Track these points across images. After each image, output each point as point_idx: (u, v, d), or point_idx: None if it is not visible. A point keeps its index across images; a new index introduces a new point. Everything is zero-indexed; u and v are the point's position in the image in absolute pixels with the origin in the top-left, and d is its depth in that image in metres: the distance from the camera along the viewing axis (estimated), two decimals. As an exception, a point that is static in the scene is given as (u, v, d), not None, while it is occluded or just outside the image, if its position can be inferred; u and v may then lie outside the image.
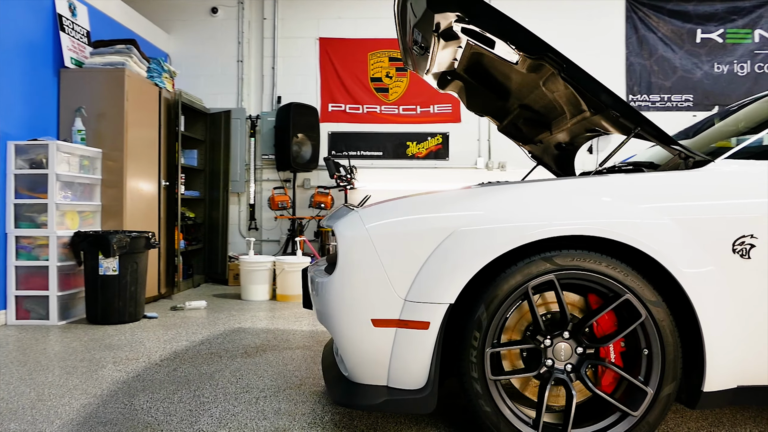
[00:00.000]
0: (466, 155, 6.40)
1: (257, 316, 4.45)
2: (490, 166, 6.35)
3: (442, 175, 6.40)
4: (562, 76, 2.18)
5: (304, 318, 4.36)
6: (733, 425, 2.24)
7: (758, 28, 6.21)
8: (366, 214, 2.04)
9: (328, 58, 6.41)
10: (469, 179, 6.37)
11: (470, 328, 1.91)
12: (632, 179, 2.03)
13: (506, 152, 6.36)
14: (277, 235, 6.45)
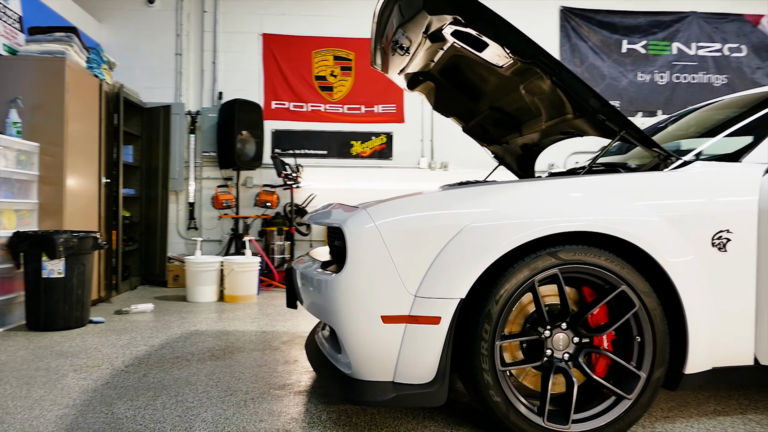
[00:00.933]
0: (409, 155, 6.50)
1: (210, 318, 4.32)
2: (433, 166, 6.49)
3: (386, 174, 6.46)
4: (554, 80, 2.29)
5: (260, 319, 4.28)
6: (698, 404, 2.44)
7: (676, 41, 6.72)
8: (374, 212, 2.05)
9: (271, 54, 6.31)
10: (413, 179, 6.47)
11: (480, 321, 1.97)
12: (624, 179, 2.17)
13: (448, 153, 6.52)
14: (218, 234, 6.27)
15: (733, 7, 6.79)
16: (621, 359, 2.06)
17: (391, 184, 6.43)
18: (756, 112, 2.62)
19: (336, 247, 2.48)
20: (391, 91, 6.44)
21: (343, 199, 6.28)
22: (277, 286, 5.66)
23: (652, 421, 2.25)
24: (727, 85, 6.75)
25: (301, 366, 3.02)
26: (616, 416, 2.03)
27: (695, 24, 6.72)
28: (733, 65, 6.78)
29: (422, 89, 3.38)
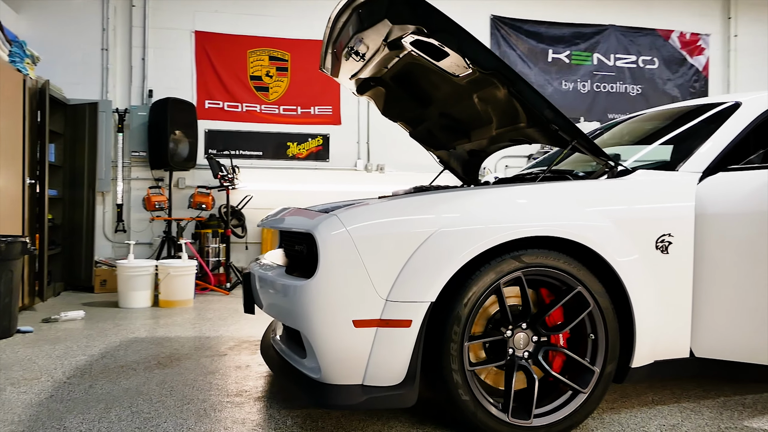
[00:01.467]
0: (346, 157, 6.53)
1: (148, 324, 4.17)
2: (369, 168, 6.55)
3: (323, 176, 6.46)
4: (511, 91, 2.40)
5: (201, 324, 4.18)
6: (637, 395, 2.63)
7: (596, 52, 7.13)
8: (346, 217, 2.08)
9: (204, 52, 6.15)
10: (349, 181, 6.50)
11: (450, 323, 2.04)
12: (578, 186, 2.31)
13: (384, 155, 6.60)
14: (148, 237, 6.04)
15: (646, 22, 7.28)
16: (576, 356, 2.19)
17: (328, 186, 6.44)
18: (682, 124, 2.85)
19: (297, 251, 2.48)
20: (328, 92, 6.44)
21: (280, 201, 6.22)
22: (213, 289, 5.53)
23: (600, 413, 2.41)
24: (642, 95, 7.24)
25: (254, 371, 2.98)
26: (573, 409, 2.15)
27: (613, 37, 7.15)
28: (647, 76, 7.28)
29: (372, 94, 3.42)
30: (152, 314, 4.55)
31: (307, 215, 2.38)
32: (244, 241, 6.01)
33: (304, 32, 6.40)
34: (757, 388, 2.72)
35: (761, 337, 2.31)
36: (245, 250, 6.10)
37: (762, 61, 7.68)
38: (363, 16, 2.57)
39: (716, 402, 2.54)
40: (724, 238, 2.30)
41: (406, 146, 6.62)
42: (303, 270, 2.26)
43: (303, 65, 6.39)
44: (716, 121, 2.68)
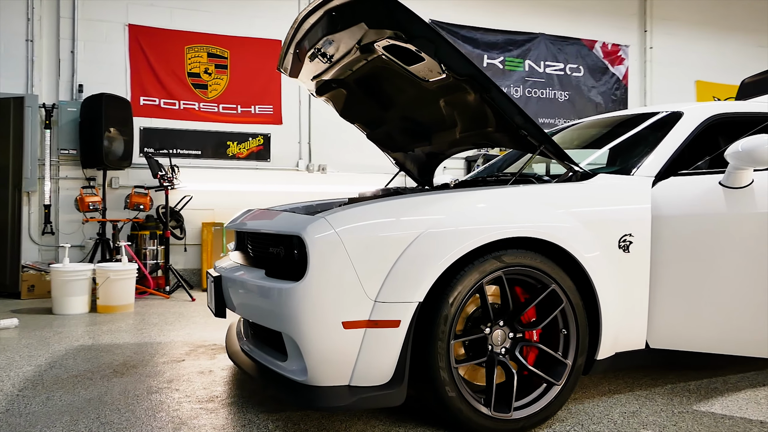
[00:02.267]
0: (287, 157, 6.47)
1: (91, 331, 3.97)
2: (311, 168, 6.52)
3: (264, 176, 6.37)
4: (485, 96, 2.50)
5: (148, 329, 4.03)
6: (594, 386, 2.80)
7: (528, 59, 7.44)
8: (334, 219, 2.09)
9: (139, 47, 5.90)
10: (291, 181, 6.45)
11: (438, 322, 2.10)
12: (549, 189, 2.43)
13: (326, 156, 6.59)
14: (78, 239, 5.72)
15: (573, 31, 7.68)
16: (550, 350, 2.32)
17: (270, 186, 6.36)
18: (629, 131, 3.06)
19: (273, 254, 2.46)
20: (269, 92, 6.36)
21: (220, 202, 6.10)
22: (153, 293, 5.33)
23: (566, 404, 2.55)
24: (569, 101, 7.63)
25: (219, 376, 2.93)
26: (548, 401, 2.27)
27: (543, 44, 7.49)
28: (574, 83, 7.67)
29: (331, 96, 3.43)
30: (92, 320, 4.33)
31: (287, 217, 2.37)
32: (183, 243, 5.83)
33: (245, 30, 6.29)
34: (697, 375, 2.96)
35: (709, 328, 2.52)
36: (184, 252, 5.92)
37: (674, 72, 8.29)
38: (337, 19, 2.58)
39: (665, 389, 2.75)
40: (676, 238, 2.49)
41: (347, 147, 6.68)
42: (284, 272, 2.25)
43: (243, 63, 6.27)
44: (661, 129, 2.89)
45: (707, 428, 2.27)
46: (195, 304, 5.07)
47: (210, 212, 6.16)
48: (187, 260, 6.05)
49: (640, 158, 2.74)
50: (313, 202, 3.59)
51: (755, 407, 2.51)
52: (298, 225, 2.15)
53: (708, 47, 8.54)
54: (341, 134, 6.62)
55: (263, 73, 6.34)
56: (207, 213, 6.14)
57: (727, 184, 2.44)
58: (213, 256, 5.89)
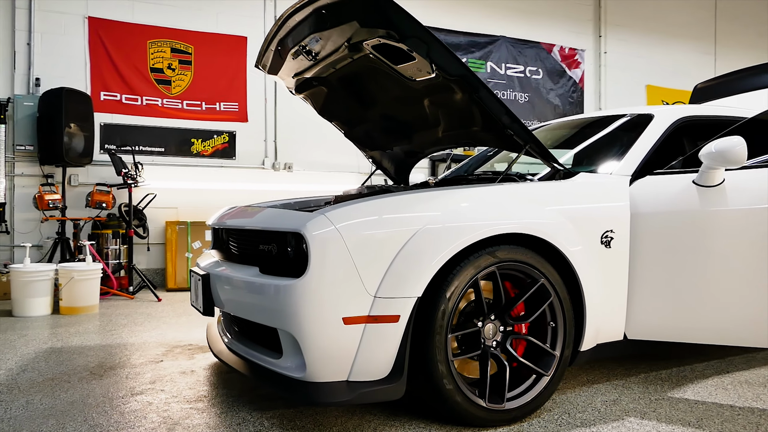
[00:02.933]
0: (253, 155, 6.40)
1: (58, 333, 3.84)
2: (277, 167, 6.47)
3: (230, 174, 6.28)
4: (474, 97, 2.56)
5: (118, 330, 3.92)
6: (573, 377, 2.91)
7: (489, 61, 7.60)
8: (334, 216, 2.11)
9: (99, 40, 5.72)
10: (257, 179, 6.38)
11: (436, 317, 2.14)
12: (536, 187, 2.52)
13: (292, 154, 6.55)
14: (35, 239, 5.49)
15: (532, 35, 7.88)
16: (540, 342, 2.40)
17: (235, 185, 6.28)
18: (603, 132, 3.19)
19: (264, 251, 2.45)
20: (234, 88, 6.27)
21: (184, 200, 6.00)
22: (116, 293, 5.18)
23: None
24: (529, 103, 7.83)
25: (202, 376, 2.89)
26: (538, 392, 2.35)
27: (504, 47, 7.66)
28: (533, 85, 7.88)
29: (311, 93, 3.44)
30: (57, 322, 4.18)
31: (282, 214, 2.37)
32: (147, 242, 5.69)
33: (210, 25, 6.18)
34: (667, 364, 3.11)
35: (684, 319, 2.65)
36: (147, 252, 5.77)
37: (626, 76, 8.61)
38: (327, 17, 2.59)
39: (639, 378, 2.88)
40: (653, 234, 2.61)
41: (314, 146, 6.66)
42: (279, 269, 2.25)
43: (208, 59, 6.17)
44: (634, 130, 3.03)
45: (683, 413, 2.40)
46: (162, 305, 4.96)
47: (174, 211, 6.03)
48: (150, 260, 5.90)
49: (616, 158, 2.86)
50: (291, 200, 3.59)
51: (723, 393, 2.66)
52: (296, 221, 2.16)
53: (658, 53, 8.91)
54: (308, 132, 6.60)
55: (229, 70, 6.25)
56: (171, 211, 6.01)
57: (701, 182, 2.58)
58: (178, 256, 5.78)
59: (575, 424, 2.28)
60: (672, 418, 2.35)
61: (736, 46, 9.63)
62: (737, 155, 2.42)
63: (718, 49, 9.51)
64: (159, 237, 5.96)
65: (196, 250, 5.85)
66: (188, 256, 5.79)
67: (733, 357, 3.25)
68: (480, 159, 4.11)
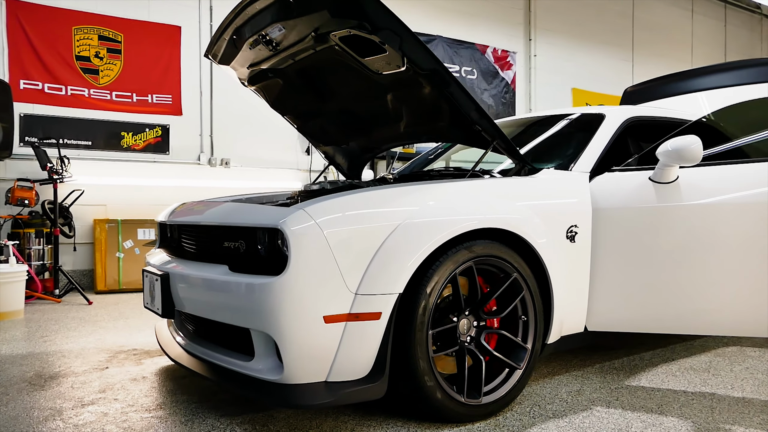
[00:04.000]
0: (188, 150, 6.13)
1: (-20, 341, 3.51)
2: (213, 162, 6.23)
3: (163, 170, 5.98)
4: (444, 92, 2.55)
5: (50, 336, 3.64)
6: (534, 369, 2.97)
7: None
8: (314, 210, 2.04)
9: (19, 24, 5.29)
10: (193, 175, 6.12)
11: (417, 313, 2.12)
12: (507, 183, 2.55)
13: (229, 150, 6.33)
14: (-58, 239, 5.01)
15: (467, 36, 8.02)
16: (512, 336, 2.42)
17: (169, 181, 5.99)
18: (556, 131, 3.28)
19: (230, 249, 2.33)
20: (168, 80, 5.98)
21: (114, 196, 5.67)
22: (41, 297, 4.81)
23: (517, 387, 2.68)
24: (464, 102, 7.95)
25: (155, 382, 2.72)
26: (513, 385, 2.37)
27: (441, 47, 7.75)
28: (468, 85, 8.01)
29: (264, 86, 3.33)
30: (-23, 330, 3.83)
31: (255, 209, 2.27)
32: (73, 241, 5.32)
33: (141, 13, 5.86)
34: (616, 354, 3.24)
35: (641, 310, 2.76)
36: (73, 252, 5.40)
37: (554, 79, 8.94)
38: (293, 6, 2.50)
39: (595, 368, 2.98)
40: (612, 229, 2.70)
41: (252, 141, 6.47)
42: (250, 267, 2.15)
43: (139, 49, 5.85)
44: (587, 129, 3.13)
45: (644, 401, 2.49)
46: (93, 308, 4.65)
47: (102, 208, 5.68)
48: (77, 260, 5.53)
49: (573, 155, 2.94)
50: (245, 196, 3.46)
51: (674, 379, 2.80)
52: (272, 216, 2.07)
53: (582, 58, 9.31)
54: (245, 127, 6.41)
55: (161, 60, 5.95)
56: (99, 209, 5.66)
57: (657, 179, 2.69)
58: (107, 256, 5.44)
59: (548, 416, 2.32)
60: (635, 405, 2.44)
61: (651, 54, 10.23)
62: (693, 153, 2.54)
63: (635, 57, 10.06)
64: (86, 236, 5.59)
65: (127, 250, 5.53)
66: (119, 256, 5.47)
67: (674, 345, 3.43)
68: (425, 158, 4.13)
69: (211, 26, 6.19)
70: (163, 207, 5.84)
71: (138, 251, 5.55)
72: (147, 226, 5.65)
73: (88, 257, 5.62)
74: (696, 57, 10.94)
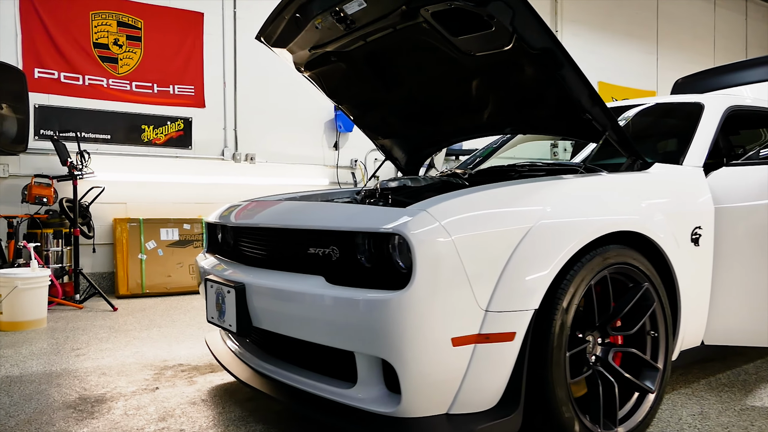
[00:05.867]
0: (211, 145, 5.76)
1: (6, 356, 3.16)
2: (238, 158, 5.87)
3: (185, 165, 5.62)
4: (555, 74, 2.22)
5: (82, 349, 3.29)
6: (641, 387, 2.65)
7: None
8: (438, 211, 1.72)
9: (33, 9, 4.90)
10: (216, 171, 5.77)
11: (551, 332, 1.80)
12: (627, 179, 2.23)
13: (254, 144, 5.97)
14: (-48, 241, 4.63)
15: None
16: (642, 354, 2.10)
17: (192, 177, 5.63)
18: (648, 119, 2.97)
19: (313, 255, 1.99)
20: (190, 70, 5.61)
21: (134, 194, 5.30)
22: (61, 302, 4.45)
23: (631, 409, 2.36)
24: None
25: (219, 407, 2.39)
26: (647, 411, 2.06)
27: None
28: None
29: (323, 71, 3.01)
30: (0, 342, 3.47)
31: (357, 210, 1.94)
32: (92, 242, 4.95)
33: (159, -2, 5.49)
34: (716, 366, 2.93)
35: (763, 322, 2.46)
36: (92, 254, 5.03)
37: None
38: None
39: (701, 384, 2.67)
40: (736, 230, 2.40)
41: (277, 135, 6.12)
42: (355, 279, 1.82)
43: (160, 36, 5.48)
44: (687, 119, 2.83)
45: (785, 427, 2.19)
46: (119, 315, 4.30)
47: (122, 206, 5.32)
48: (96, 263, 5.16)
49: (681, 149, 2.63)
50: (295, 194, 3.13)
51: (798, 399, 2.50)
52: (387, 219, 1.73)
53: (607, 50, 9.01)
54: (270, 121, 6.06)
55: (183, 49, 5.59)
56: (118, 207, 5.29)
57: (792, 174, 2.38)
58: (129, 258, 5.08)
59: (689, 447, 2.01)
60: (779, 433, 2.14)
61: (674, 47, 9.94)
62: (839, 145, 2.24)
63: (659, 50, 9.77)
64: (105, 237, 5.23)
65: (150, 251, 5.18)
66: (142, 258, 5.11)
67: (774, 357, 3.14)
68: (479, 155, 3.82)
69: (234, 13, 5.83)
70: (186, 205, 5.56)
71: (161, 252, 5.20)
72: (170, 226, 5.29)
73: (107, 259, 5.25)
74: (718, 51, 10.68)
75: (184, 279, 5.24)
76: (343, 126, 6.31)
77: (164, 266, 5.18)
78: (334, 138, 6.44)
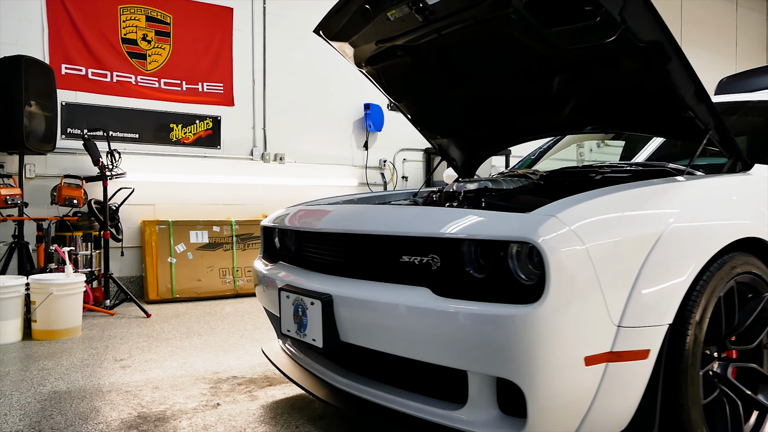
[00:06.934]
0: (240, 144, 5.59)
1: (48, 368, 2.98)
2: (267, 158, 5.69)
3: (214, 165, 5.44)
4: (660, 68, 2.05)
5: (125, 360, 3.12)
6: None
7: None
8: (567, 217, 1.54)
9: (60, 2, 4.73)
10: (245, 172, 5.59)
11: (684, 348, 1.63)
12: (740, 181, 2.07)
13: (283, 144, 5.80)
14: (-22, 243, 4.45)
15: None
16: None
17: (221, 178, 5.45)
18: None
19: (408, 264, 1.82)
20: (219, 66, 5.44)
21: (162, 195, 5.13)
22: (92, 308, 4.28)
23: None
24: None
25: (292, 425, 2.22)
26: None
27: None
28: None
29: (386, 66, 2.85)
30: (36, 352, 3.29)
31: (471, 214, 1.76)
32: (121, 245, 4.77)
33: (188, -9, 5.32)
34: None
35: None
36: (121, 257, 4.85)
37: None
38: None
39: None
40: None
41: (306, 134, 5.95)
42: (461, 290, 1.65)
43: (189, 32, 5.30)
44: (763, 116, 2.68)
45: None
46: (154, 322, 4.12)
47: (150, 208, 5.14)
48: (124, 266, 4.98)
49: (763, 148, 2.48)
50: (346, 197, 2.97)
51: None
52: (511, 224, 1.56)
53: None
54: (300, 120, 5.89)
55: (212, 46, 5.41)
56: (147, 209, 5.12)
57: None
58: (159, 261, 4.90)
59: (819, 474, 1.84)
60: None
61: (698, 46, 9.78)
62: None
63: (684, 49, 9.59)
64: (133, 239, 5.05)
65: (179, 254, 5.00)
66: (171, 262, 4.94)
67: None
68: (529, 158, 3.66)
69: (264, 8, 5.65)
70: (215, 206, 5.38)
71: (191, 256, 5.02)
72: (199, 228, 5.12)
73: (135, 263, 5.08)
74: (740, 51, 10.52)
75: (214, 283, 5.06)
76: (372, 125, 6.13)
77: (194, 270, 5.00)
78: (363, 137, 6.26)
